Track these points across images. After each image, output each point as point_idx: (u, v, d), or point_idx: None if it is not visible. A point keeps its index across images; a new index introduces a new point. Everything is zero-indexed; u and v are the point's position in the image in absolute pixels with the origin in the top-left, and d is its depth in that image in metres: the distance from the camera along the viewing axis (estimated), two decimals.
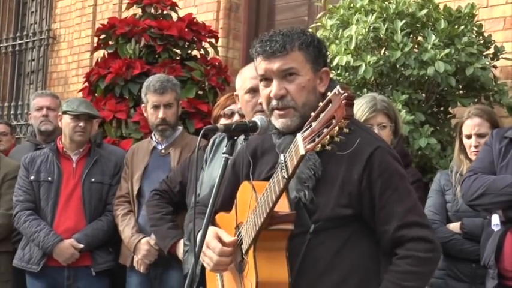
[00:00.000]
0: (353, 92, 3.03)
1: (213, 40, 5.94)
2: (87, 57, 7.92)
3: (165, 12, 5.86)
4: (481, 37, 4.48)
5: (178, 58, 5.61)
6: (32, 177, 4.47)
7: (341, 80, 4.32)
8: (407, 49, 4.14)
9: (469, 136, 3.86)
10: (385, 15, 4.28)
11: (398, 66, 4.21)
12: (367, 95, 3.82)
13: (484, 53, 4.41)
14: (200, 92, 5.51)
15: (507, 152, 3.38)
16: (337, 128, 1.96)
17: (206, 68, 5.55)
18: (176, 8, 5.97)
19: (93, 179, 4.46)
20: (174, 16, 5.89)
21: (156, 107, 4.29)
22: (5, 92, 9.25)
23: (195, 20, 5.82)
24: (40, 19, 8.99)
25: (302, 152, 2.05)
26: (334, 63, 4.23)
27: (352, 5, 4.43)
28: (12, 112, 8.88)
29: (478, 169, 3.42)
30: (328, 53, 3.27)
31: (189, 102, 5.24)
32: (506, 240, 3.33)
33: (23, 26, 9.19)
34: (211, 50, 5.96)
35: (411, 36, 4.38)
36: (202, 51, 5.82)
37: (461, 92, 4.46)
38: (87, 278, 4.39)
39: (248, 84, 3.10)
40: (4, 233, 4.73)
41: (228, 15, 6.92)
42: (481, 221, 3.66)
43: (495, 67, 4.56)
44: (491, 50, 4.50)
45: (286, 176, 2.15)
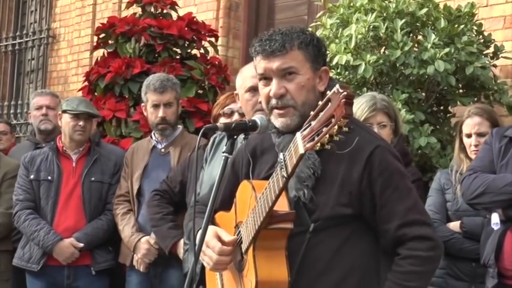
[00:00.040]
0: (353, 91, 3.03)
1: (213, 39, 5.93)
2: (87, 56, 7.92)
3: (165, 11, 5.86)
4: (481, 36, 4.48)
5: (178, 57, 5.60)
6: (32, 176, 4.46)
7: (341, 79, 4.32)
8: (407, 48, 4.14)
9: (469, 135, 3.86)
10: (385, 14, 4.28)
11: (398, 65, 4.21)
12: (367, 94, 3.82)
13: (484, 52, 4.41)
14: (200, 91, 5.51)
15: (507, 151, 3.38)
16: (336, 127, 1.95)
17: (206, 67, 5.55)
18: (176, 7, 5.97)
19: (93, 178, 4.46)
20: (174, 15, 5.89)
21: (156, 106, 4.29)
22: (5, 91, 9.24)
23: (195, 19, 5.82)
24: (40, 18, 8.98)
25: (301, 151, 2.05)
26: (334, 62, 4.23)
27: (352, 4, 4.43)
28: (12, 111, 8.88)
29: (478, 168, 3.42)
30: (327, 52, 3.27)
31: (189, 101, 5.24)
32: (506, 239, 3.33)
33: (23, 25, 9.18)
34: (211, 49, 5.95)
35: (411, 35, 4.38)
36: (202, 50, 5.82)
37: (461, 91, 4.46)
38: (87, 277, 4.39)
39: (248, 83, 3.10)
40: (4, 232, 4.73)
41: (228, 14, 6.91)
42: (481, 220, 3.66)
43: (495, 66, 4.56)
44: (491, 49, 4.50)
45: (285, 175, 2.15)
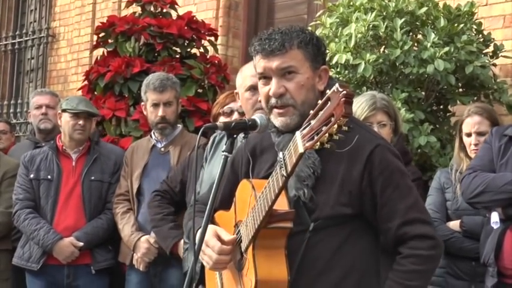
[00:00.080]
0: (352, 90, 3.03)
1: (213, 38, 5.93)
2: (86, 55, 7.92)
3: (165, 10, 5.86)
4: (481, 35, 4.48)
5: (177, 56, 5.60)
6: (32, 175, 4.46)
7: (340, 78, 4.32)
8: (406, 47, 4.14)
9: (469, 134, 3.86)
10: (385, 13, 4.28)
11: (397, 64, 4.21)
12: (367, 93, 3.81)
13: (484, 51, 4.41)
14: (200, 90, 5.50)
15: (507, 150, 3.38)
16: (336, 126, 1.95)
17: (206, 66, 5.55)
18: (176, 6, 5.97)
19: (92, 177, 4.45)
20: (174, 14, 5.89)
21: (156, 105, 4.28)
22: (5, 90, 9.24)
23: (195, 18, 5.81)
24: (39, 17, 8.98)
25: (301, 150, 2.05)
26: (333, 61, 4.23)
27: (351, 3, 4.43)
28: (11, 110, 8.88)
29: (478, 167, 3.42)
30: (327, 51, 3.26)
31: (189, 100, 5.24)
32: (505, 238, 3.33)
33: (23, 24, 9.17)
34: (210, 48, 5.95)
35: (411, 34, 4.38)
36: (201, 49, 5.82)
37: (460, 90, 4.46)
38: (86, 276, 4.39)
39: (248, 82, 3.10)
40: (4, 231, 4.73)
41: (228, 13, 6.91)
42: (481, 219, 3.66)
43: (494, 65, 4.55)
44: (490, 48, 4.50)
45: (285, 174, 2.14)
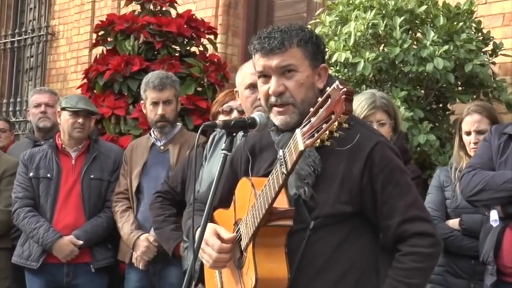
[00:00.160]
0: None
1: (212, 37, 5.93)
2: (86, 53, 7.92)
3: (164, 8, 5.85)
4: (480, 34, 4.48)
5: (177, 55, 5.60)
6: (31, 173, 4.46)
7: (340, 77, 4.31)
8: (406, 46, 4.14)
9: (469, 133, 3.86)
10: (384, 11, 4.28)
11: (397, 62, 4.21)
12: (366, 92, 3.80)
13: (483, 50, 4.41)
14: (199, 89, 5.50)
15: (506, 148, 3.38)
16: (336, 123, 1.95)
17: (205, 65, 5.55)
18: (175, 5, 5.96)
19: (92, 176, 4.45)
20: (173, 12, 5.88)
21: (155, 104, 4.28)
22: (4, 89, 9.24)
23: (194, 17, 5.81)
24: (39, 15, 8.98)
25: (301, 148, 2.04)
26: (333, 59, 4.22)
27: (351, 2, 4.43)
28: (10, 109, 8.88)
29: (477, 165, 3.42)
30: (326, 50, 3.26)
31: (188, 98, 5.23)
32: (505, 236, 3.33)
33: (22, 23, 9.17)
34: (210, 47, 5.95)
35: (410, 32, 4.37)
36: (201, 47, 5.82)
37: (460, 89, 4.46)
38: (86, 275, 4.39)
39: (248, 80, 3.10)
40: (3, 230, 4.72)
41: (227, 11, 6.91)
42: (480, 218, 3.65)
43: (494, 63, 4.56)
44: (490, 47, 4.50)
45: (285, 172, 2.14)
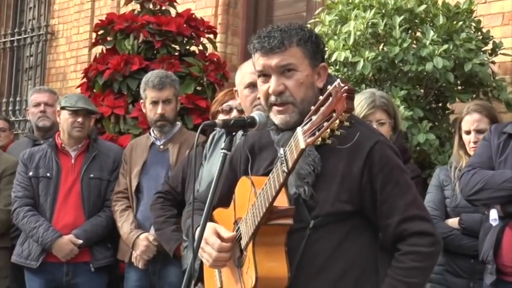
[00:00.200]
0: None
1: (212, 36, 5.93)
2: (85, 53, 7.91)
3: (164, 7, 5.85)
4: (480, 33, 4.48)
5: (176, 54, 5.60)
6: (31, 173, 4.46)
7: (339, 76, 4.32)
8: (405, 45, 4.14)
9: (468, 132, 3.86)
10: (384, 11, 4.28)
11: (396, 62, 4.21)
12: (366, 91, 3.80)
13: (483, 49, 4.41)
14: (199, 88, 5.50)
15: (505, 147, 3.38)
16: (337, 121, 1.95)
17: (205, 64, 5.54)
18: (174, 4, 5.96)
19: (91, 175, 4.45)
20: (173, 12, 5.88)
21: (155, 103, 4.28)
22: (3, 88, 9.24)
23: (194, 16, 5.81)
24: (38, 15, 8.97)
25: (302, 146, 2.04)
26: (332, 59, 4.23)
27: (350, 1, 4.43)
28: (10, 108, 8.87)
29: (477, 164, 3.42)
30: (326, 49, 3.26)
31: (188, 98, 5.24)
32: (504, 235, 3.34)
33: (21, 22, 9.17)
34: (209, 46, 5.95)
35: (410, 32, 4.38)
36: (200, 47, 5.82)
37: (459, 88, 4.46)
38: (86, 274, 4.38)
39: (247, 79, 3.10)
40: (3, 229, 4.72)
41: (227, 10, 6.91)
42: (480, 217, 3.65)
43: (493, 63, 4.56)
44: (489, 46, 4.50)
45: (286, 170, 2.14)
